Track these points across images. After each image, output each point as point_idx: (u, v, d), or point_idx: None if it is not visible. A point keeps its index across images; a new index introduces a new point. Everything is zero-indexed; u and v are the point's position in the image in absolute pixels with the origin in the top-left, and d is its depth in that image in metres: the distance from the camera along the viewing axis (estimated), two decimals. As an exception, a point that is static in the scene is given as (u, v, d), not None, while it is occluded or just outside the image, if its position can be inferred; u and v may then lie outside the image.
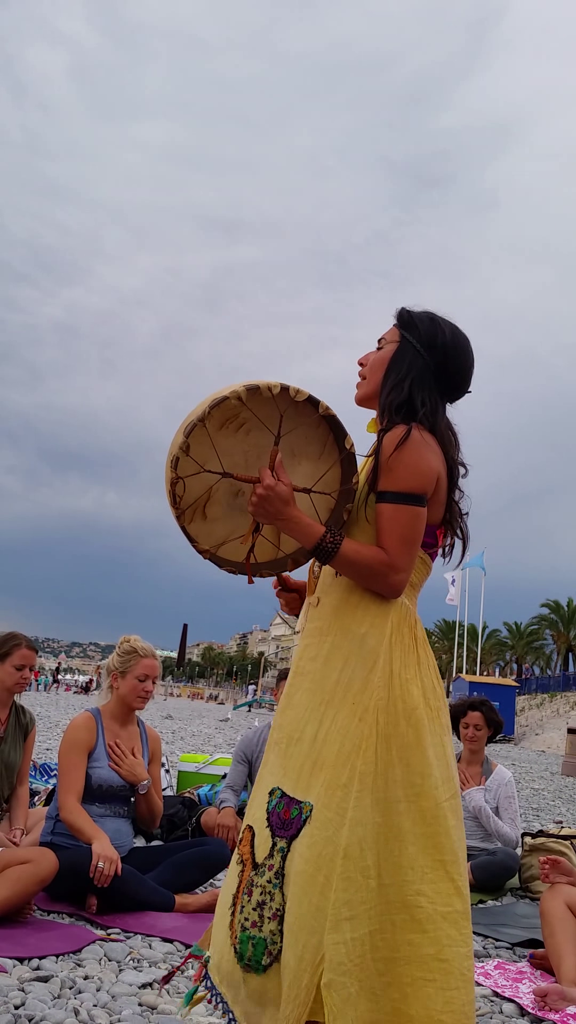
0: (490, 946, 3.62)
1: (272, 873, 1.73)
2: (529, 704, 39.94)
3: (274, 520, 1.79)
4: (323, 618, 1.88)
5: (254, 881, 1.74)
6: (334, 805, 1.69)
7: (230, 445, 1.79)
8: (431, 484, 1.85)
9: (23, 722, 4.26)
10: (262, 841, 1.77)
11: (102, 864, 3.26)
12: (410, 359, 1.94)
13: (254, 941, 1.71)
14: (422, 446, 1.83)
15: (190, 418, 1.72)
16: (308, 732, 1.79)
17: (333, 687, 1.80)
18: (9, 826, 4.06)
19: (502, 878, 4.64)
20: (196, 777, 6.21)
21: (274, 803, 1.78)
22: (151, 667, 3.81)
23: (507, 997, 2.91)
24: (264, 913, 1.71)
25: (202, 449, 1.76)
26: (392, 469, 1.81)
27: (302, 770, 1.77)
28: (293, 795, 1.76)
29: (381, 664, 1.78)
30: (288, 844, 1.72)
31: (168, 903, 3.49)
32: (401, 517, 1.81)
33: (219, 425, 1.76)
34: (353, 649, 1.81)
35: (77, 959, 2.84)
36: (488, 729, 5.01)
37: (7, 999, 2.38)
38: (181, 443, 1.71)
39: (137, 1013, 2.43)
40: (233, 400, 1.70)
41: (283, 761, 1.81)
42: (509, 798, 4.91)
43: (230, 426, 1.77)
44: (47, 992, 2.48)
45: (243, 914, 1.73)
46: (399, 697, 1.76)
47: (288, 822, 1.74)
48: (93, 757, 3.67)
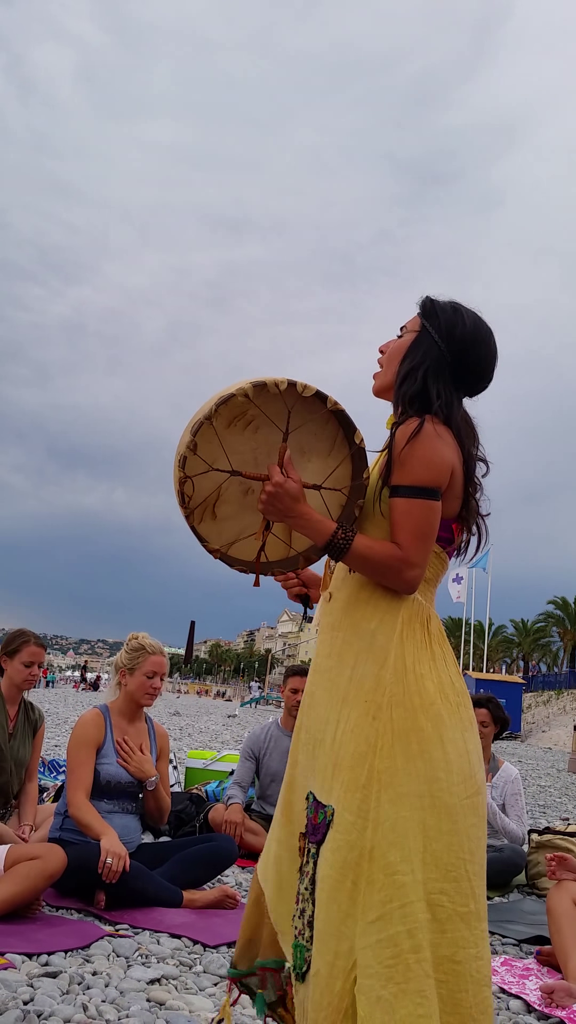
0: (497, 943, 3.62)
1: (308, 880, 1.72)
2: (536, 701, 39.89)
3: (284, 517, 1.77)
4: (334, 614, 1.87)
5: (298, 888, 1.74)
6: (355, 807, 1.66)
7: (239, 443, 1.78)
8: (445, 477, 1.80)
9: (32, 718, 4.28)
10: (300, 847, 1.77)
11: (110, 860, 3.27)
12: (426, 348, 1.88)
13: (298, 949, 1.70)
14: (435, 439, 1.79)
15: (197, 416, 1.71)
16: (328, 733, 1.77)
17: (347, 684, 1.77)
18: (18, 822, 4.08)
19: (509, 875, 4.64)
20: (204, 773, 6.22)
21: (308, 808, 1.77)
22: (159, 664, 3.82)
23: (514, 994, 2.92)
24: (303, 920, 1.70)
25: (210, 447, 1.75)
26: (405, 463, 1.77)
27: (326, 773, 1.74)
28: (320, 799, 1.74)
29: (392, 660, 1.75)
30: (317, 849, 1.71)
31: (176, 899, 3.50)
32: (415, 511, 1.77)
33: (227, 423, 1.74)
34: (363, 646, 1.78)
35: (85, 955, 2.85)
36: (494, 726, 5.00)
37: (16, 995, 2.40)
38: (188, 442, 1.69)
39: (145, 1009, 2.44)
40: (240, 397, 1.69)
41: (312, 763, 1.79)
42: (516, 795, 4.92)
43: (238, 424, 1.76)
44: (56, 988, 2.49)
45: (294, 923, 1.73)
46: (415, 692, 1.72)
47: (317, 827, 1.72)
48: (101, 753, 3.69)
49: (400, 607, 1.80)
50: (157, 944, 3.04)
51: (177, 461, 1.72)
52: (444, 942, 1.62)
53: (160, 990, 2.59)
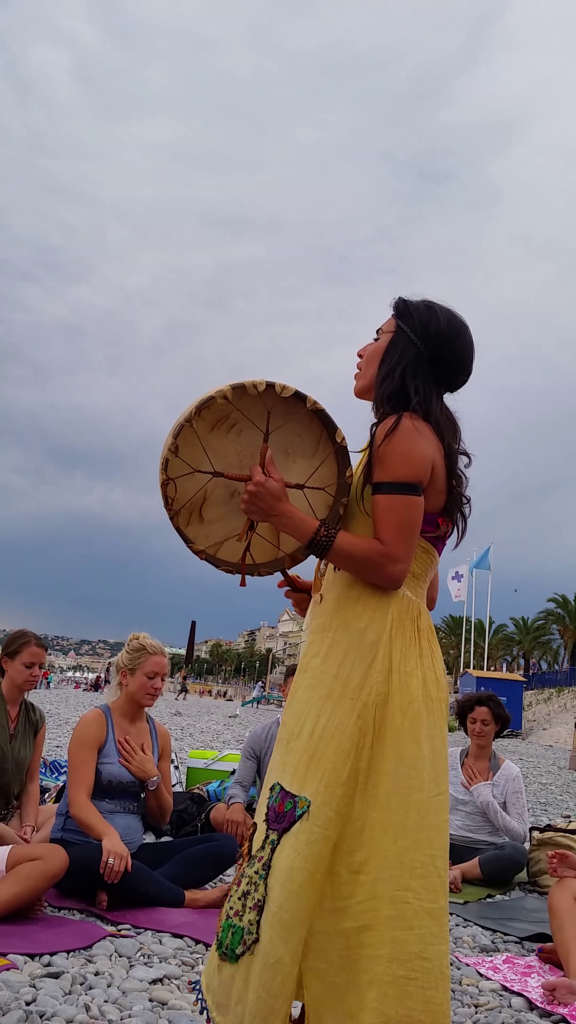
0: (499, 940, 3.62)
1: (260, 864, 1.74)
2: (536, 699, 39.90)
3: (267, 516, 1.79)
4: (325, 614, 1.89)
5: (245, 872, 1.77)
6: (334, 804, 1.70)
7: (222, 446, 1.81)
8: (426, 472, 1.83)
9: (33, 719, 4.28)
10: (259, 834, 1.80)
11: (112, 860, 3.28)
12: (403, 348, 1.91)
13: (234, 930, 1.72)
14: (414, 434, 1.81)
15: (178, 420, 1.74)
16: (307, 727, 1.79)
17: (332, 682, 1.79)
18: (20, 823, 4.08)
19: (510, 872, 4.65)
20: (205, 773, 6.23)
21: (273, 798, 1.79)
22: (160, 664, 3.82)
23: (516, 991, 2.92)
24: (247, 903, 1.73)
25: (192, 450, 1.78)
26: (384, 459, 1.80)
27: (299, 765, 1.77)
28: (289, 789, 1.76)
29: (380, 658, 1.78)
30: (279, 837, 1.73)
31: (178, 899, 3.50)
32: (396, 507, 1.79)
33: (210, 426, 1.77)
34: (353, 644, 1.80)
35: (88, 955, 2.85)
36: (495, 724, 5.01)
37: (18, 995, 2.40)
38: (170, 444, 1.73)
39: (148, 1009, 2.44)
40: (219, 400, 1.71)
41: (284, 757, 1.82)
42: (517, 793, 4.92)
43: (222, 427, 1.78)
44: (58, 988, 2.50)
45: (229, 903, 1.76)
46: (398, 690, 1.76)
47: (281, 815, 1.75)
48: (103, 754, 3.69)
49: (390, 604, 1.82)
50: (159, 944, 3.04)
51: (160, 464, 1.76)
52: (412, 938, 1.65)
53: (163, 990, 2.60)
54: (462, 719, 5.12)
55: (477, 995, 2.88)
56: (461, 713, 5.13)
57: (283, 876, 1.68)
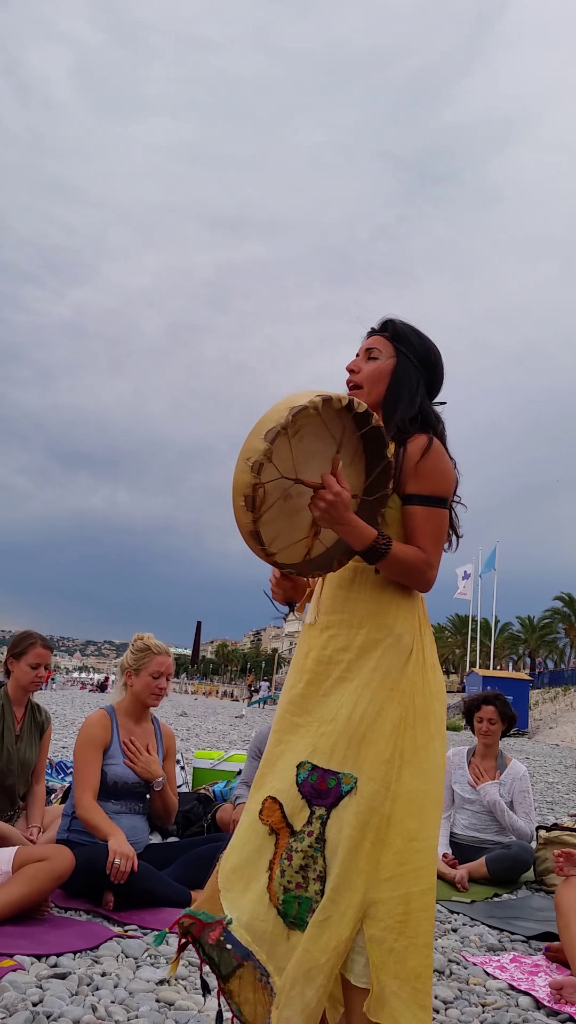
0: (505, 939, 3.62)
1: (312, 839, 1.84)
2: (543, 698, 39.83)
3: (334, 524, 1.87)
4: (351, 611, 2.00)
5: (293, 847, 1.85)
6: (379, 778, 1.85)
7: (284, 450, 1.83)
8: (453, 488, 2.05)
9: (39, 720, 4.28)
10: (296, 810, 1.88)
11: (118, 861, 3.28)
12: (411, 374, 2.11)
13: (299, 900, 1.82)
14: (444, 454, 2.03)
15: (269, 424, 1.74)
16: (343, 713, 1.90)
17: (371, 674, 1.92)
18: (26, 824, 4.09)
19: (517, 871, 4.64)
20: (211, 774, 6.23)
21: (304, 776, 1.89)
22: (165, 664, 3.82)
23: (523, 990, 2.92)
24: (308, 875, 1.83)
25: (280, 456, 1.79)
26: (422, 475, 1.99)
27: (336, 745, 1.88)
28: (327, 767, 1.87)
29: (415, 654, 1.96)
30: (328, 812, 1.85)
31: (185, 899, 3.50)
32: (433, 518, 1.99)
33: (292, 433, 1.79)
34: (391, 643, 1.95)
35: (94, 956, 2.86)
36: (502, 723, 5.00)
37: (25, 996, 2.40)
38: (265, 450, 1.72)
39: (155, 1009, 2.44)
40: (311, 409, 1.74)
41: (313, 740, 1.92)
42: (524, 792, 4.91)
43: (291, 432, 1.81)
44: (65, 989, 2.50)
45: (285, 878, 1.84)
46: (432, 681, 1.97)
47: (325, 791, 1.86)
48: (108, 754, 3.69)
49: (417, 606, 2.02)
50: (166, 944, 3.04)
51: (250, 467, 1.74)
52: None
53: (169, 990, 2.60)
54: (469, 718, 5.11)
55: (484, 994, 2.88)
56: (468, 712, 5.12)
57: (339, 848, 1.81)
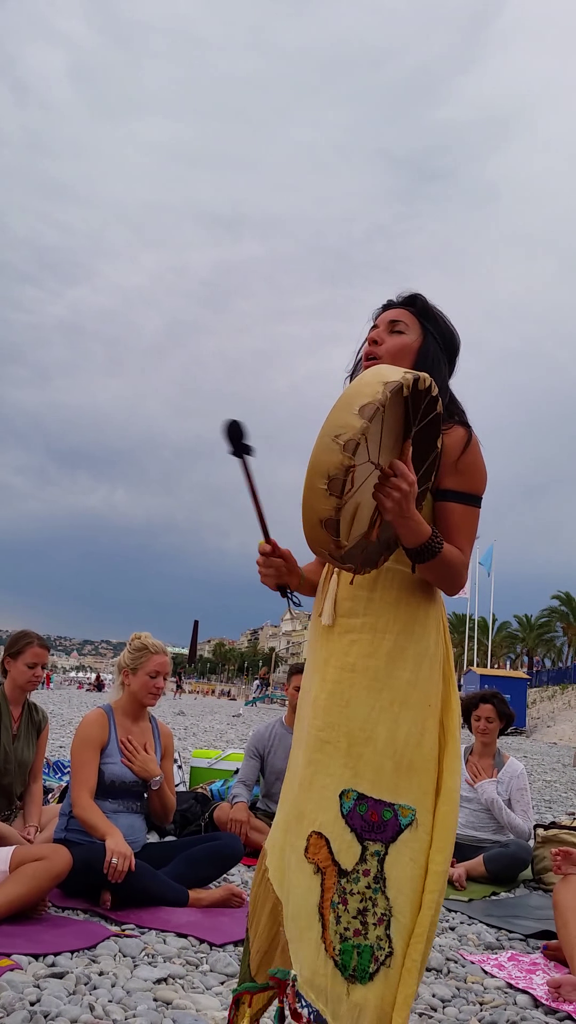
0: (504, 938, 3.62)
1: (370, 878, 1.66)
2: (540, 696, 39.87)
3: (401, 516, 1.65)
4: (374, 614, 1.79)
5: (347, 889, 1.66)
6: (431, 808, 1.73)
7: (376, 431, 1.59)
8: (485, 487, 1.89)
9: (36, 719, 4.28)
10: (344, 847, 1.68)
11: (116, 860, 3.27)
12: (439, 357, 1.93)
13: (359, 950, 1.63)
14: (481, 451, 1.87)
15: (362, 399, 1.49)
16: (381, 732, 1.72)
17: (407, 688, 1.75)
18: (23, 823, 4.08)
19: (515, 870, 4.64)
20: (208, 773, 6.23)
21: (350, 806, 1.70)
22: (162, 664, 3.82)
23: (521, 988, 2.92)
24: (368, 920, 1.65)
25: (372, 436, 1.56)
26: (464, 471, 1.83)
27: (381, 770, 1.71)
28: (378, 797, 1.70)
29: (441, 665, 1.82)
30: (386, 847, 1.68)
31: (182, 898, 3.50)
32: (472, 518, 1.84)
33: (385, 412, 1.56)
34: (422, 652, 1.78)
35: (92, 955, 2.85)
36: (500, 721, 5.00)
37: (23, 995, 2.39)
38: (362, 426, 1.47)
39: (152, 1008, 2.43)
40: (404, 388, 1.53)
41: (350, 761, 1.72)
42: (521, 790, 4.91)
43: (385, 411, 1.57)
44: (62, 988, 2.49)
45: (341, 924, 1.65)
46: (452, 694, 1.83)
47: (380, 824, 1.68)
48: (106, 753, 3.68)
49: (440, 611, 1.86)
50: (163, 943, 3.04)
51: (342, 445, 1.48)
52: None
53: (167, 989, 2.59)
54: (466, 717, 5.11)
55: (482, 992, 2.87)
56: (465, 711, 5.12)
57: (405, 887, 1.67)
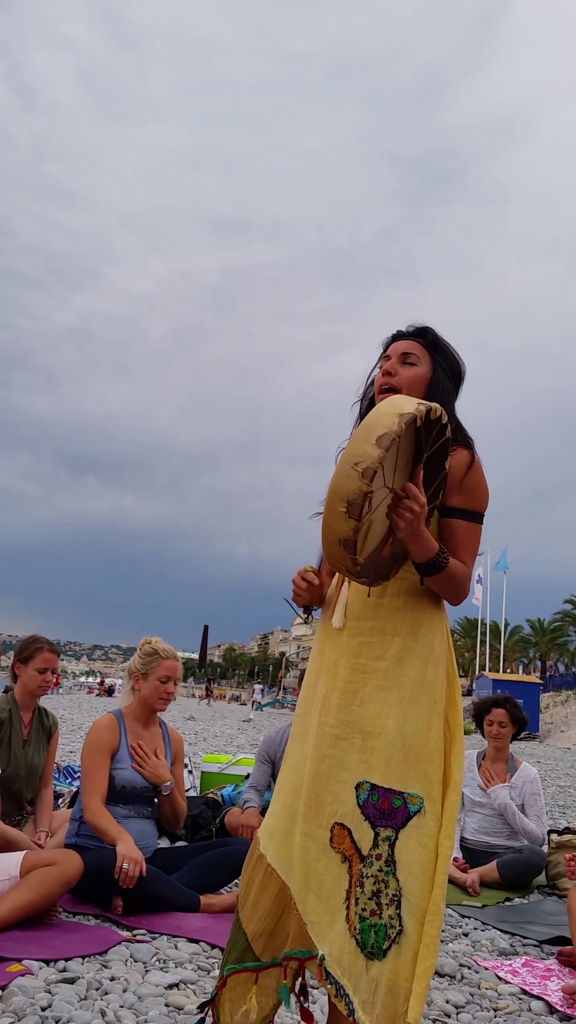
0: (517, 944, 3.59)
1: (382, 862, 1.81)
2: (554, 701, 39.71)
3: (411, 535, 1.84)
4: (383, 618, 1.95)
5: (364, 873, 1.82)
6: (438, 797, 1.85)
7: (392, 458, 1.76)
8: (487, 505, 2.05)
9: (46, 724, 4.27)
10: (362, 834, 1.84)
11: (127, 865, 3.26)
12: (448, 387, 2.09)
13: (376, 929, 1.78)
14: (483, 471, 2.04)
15: (379, 429, 1.66)
16: (390, 726, 1.87)
17: (415, 686, 1.89)
18: (34, 828, 4.07)
19: (529, 875, 4.60)
20: (219, 778, 6.21)
21: (364, 796, 1.85)
22: (172, 669, 3.81)
23: (535, 995, 2.89)
24: (381, 900, 1.80)
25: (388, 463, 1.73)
26: (468, 490, 2.00)
27: (390, 761, 1.85)
28: (388, 786, 1.84)
29: (446, 665, 1.96)
30: (396, 832, 1.82)
31: (193, 903, 3.48)
32: (475, 534, 2.01)
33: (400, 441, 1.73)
34: (427, 652, 1.92)
35: (103, 960, 2.84)
36: (512, 726, 4.97)
37: (34, 1001, 2.39)
38: (380, 456, 1.65)
39: (164, 1014, 2.42)
40: (418, 419, 1.70)
41: (363, 755, 1.87)
42: (535, 795, 4.88)
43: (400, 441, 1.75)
44: (73, 993, 2.48)
45: (359, 906, 1.80)
46: (455, 693, 1.96)
47: (390, 812, 1.83)
48: (116, 759, 3.68)
49: (445, 618, 2.01)
50: (175, 949, 3.03)
51: (361, 472, 1.66)
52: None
53: (178, 995, 2.58)
54: (479, 721, 5.09)
55: (496, 999, 2.85)
56: (478, 715, 5.09)
57: (414, 868, 1.79)
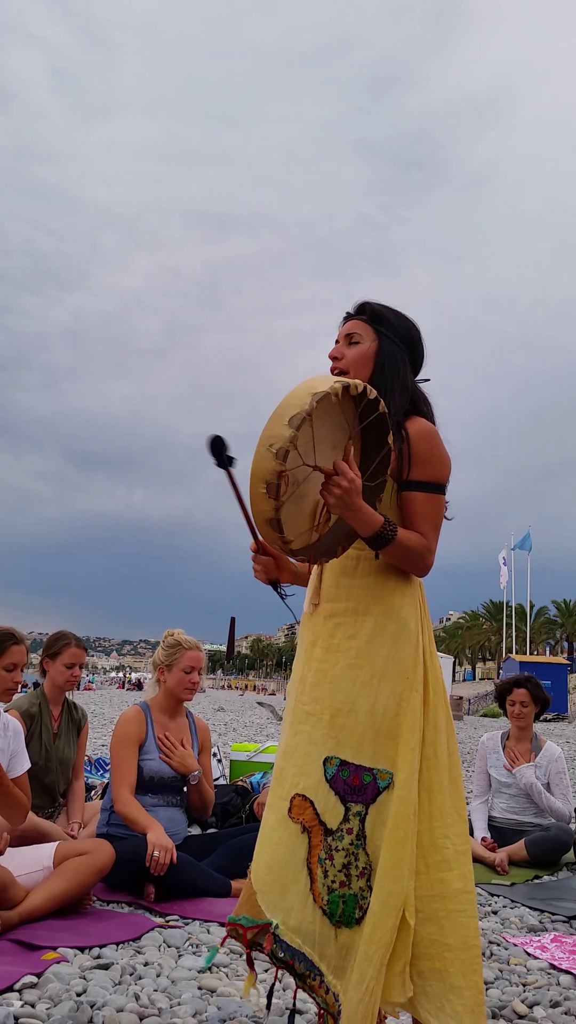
0: (546, 920, 3.62)
1: (353, 836, 1.85)
2: (582, 681, 39.49)
3: (346, 511, 1.84)
4: (355, 599, 1.97)
5: (333, 846, 1.85)
6: (407, 768, 1.85)
7: (307, 436, 1.79)
8: (449, 474, 2.03)
9: (76, 718, 4.35)
10: (328, 807, 1.88)
11: (157, 853, 3.32)
12: (396, 355, 2.07)
13: (345, 899, 1.83)
14: (441, 440, 2.02)
15: (291, 410, 1.70)
16: (362, 704, 1.89)
17: (384, 663, 1.90)
18: (67, 820, 4.15)
19: (557, 853, 4.62)
20: (248, 766, 6.27)
21: (333, 771, 1.89)
22: (196, 659, 3.86)
23: (564, 969, 2.92)
24: (351, 872, 1.84)
25: (303, 443, 1.75)
26: (425, 461, 1.98)
27: (363, 739, 1.88)
28: (359, 763, 1.87)
29: (421, 642, 1.95)
30: (366, 808, 1.85)
31: (225, 888, 3.54)
32: (433, 504, 1.99)
33: (314, 419, 1.75)
34: (399, 630, 1.93)
35: (137, 946, 2.90)
36: (535, 705, 4.98)
37: (69, 987, 2.44)
38: (290, 435, 1.68)
39: (197, 996, 2.47)
40: (332, 396, 1.72)
41: (333, 732, 1.91)
42: (560, 773, 4.90)
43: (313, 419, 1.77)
44: (108, 979, 2.54)
45: (328, 878, 1.84)
46: (431, 670, 1.96)
47: (361, 788, 1.86)
48: (144, 750, 3.73)
49: (417, 592, 2.00)
50: (207, 933, 3.08)
51: (274, 453, 1.69)
52: (454, 877, 1.86)
53: (211, 978, 2.63)
54: (501, 702, 5.10)
55: (525, 974, 2.88)
56: (500, 696, 5.11)
57: (383, 842, 1.81)
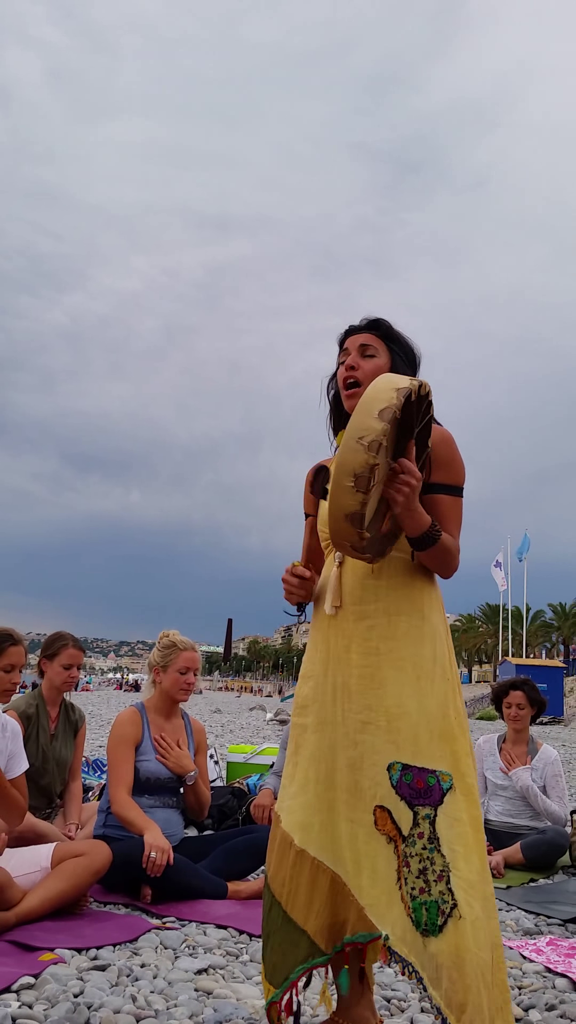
0: (542, 923, 3.62)
1: (424, 840, 1.85)
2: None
3: (406, 510, 1.88)
4: (384, 599, 2.00)
5: (407, 852, 1.86)
6: (468, 771, 1.90)
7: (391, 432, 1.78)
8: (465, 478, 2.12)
9: (73, 719, 4.35)
10: (400, 814, 1.88)
11: (154, 854, 3.32)
12: (405, 373, 2.13)
13: (427, 906, 1.83)
14: (457, 445, 2.09)
15: (379, 404, 1.71)
16: (411, 706, 1.92)
17: (429, 664, 1.95)
18: (64, 821, 4.15)
19: (553, 856, 4.63)
20: (245, 767, 6.27)
21: (397, 777, 1.89)
22: (191, 660, 3.86)
23: (559, 972, 2.92)
24: (429, 878, 1.84)
25: (389, 437, 1.75)
26: (450, 465, 2.07)
27: (418, 740, 1.90)
28: (420, 765, 1.89)
29: (446, 641, 2.03)
30: (435, 810, 1.86)
31: (221, 890, 3.54)
32: (459, 507, 2.07)
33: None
34: (432, 629, 1.99)
35: (133, 948, 2.90)
36: (531, 708, 4.99)
37: (66, 988, 2.44)
38: (383, 428, 1.69)
39: (193, 998, 2.47)
40: (412, 394, 1.75)
41: (390, 736, 1.92)
42: (556, 776, 4.91)
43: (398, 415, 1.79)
44: (105, 980, 2.54)
45: (408, 885, 1.85)
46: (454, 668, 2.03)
47: (426, 790, 1.87)
48: (140, 751, 3.74)
49: (439, 593, 2.06)
50: (203, 935, 3.08)
51: (366, 445, 1.69)
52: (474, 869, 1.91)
53: (208, 979, 2.63)
54: (497, 705, 5.12)
55: (520, 977, 2.89)
56: (496, 699, 5.12)
57: (455, 843, 1.84)
